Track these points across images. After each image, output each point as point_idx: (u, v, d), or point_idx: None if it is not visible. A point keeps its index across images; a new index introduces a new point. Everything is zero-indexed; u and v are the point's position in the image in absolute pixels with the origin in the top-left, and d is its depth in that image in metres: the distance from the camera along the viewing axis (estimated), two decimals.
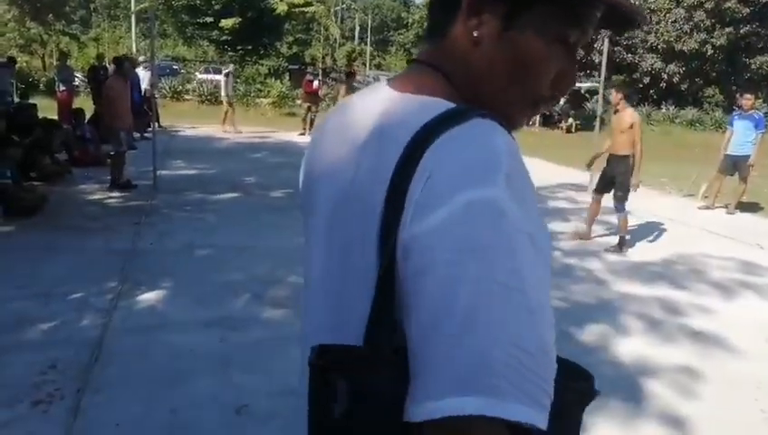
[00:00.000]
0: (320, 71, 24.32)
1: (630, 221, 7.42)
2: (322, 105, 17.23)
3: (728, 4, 23.05)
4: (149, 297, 4.24)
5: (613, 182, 6.00)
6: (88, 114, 10.78)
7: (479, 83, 0.70)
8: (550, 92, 0.72)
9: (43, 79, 20.50)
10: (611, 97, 6.13)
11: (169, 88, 20.35)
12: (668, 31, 23.90)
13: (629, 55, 24.77)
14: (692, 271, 5.54)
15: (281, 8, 20.54)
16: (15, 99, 12.51)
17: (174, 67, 26.20)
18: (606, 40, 10.72)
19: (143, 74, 12.40)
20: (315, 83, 15.40)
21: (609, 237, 6.43)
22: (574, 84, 0.74)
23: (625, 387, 3.28)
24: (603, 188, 6.16)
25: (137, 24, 31.18)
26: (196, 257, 5.24)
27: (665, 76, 24.48)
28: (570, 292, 4.72)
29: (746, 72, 24.70)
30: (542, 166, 10.51)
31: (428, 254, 0.56)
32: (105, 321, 3.80)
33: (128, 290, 4.33)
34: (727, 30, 23.47)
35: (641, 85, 25.54)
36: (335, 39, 33.04)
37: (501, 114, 0.68)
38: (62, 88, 12.55)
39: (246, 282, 4.63)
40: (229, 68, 15.28)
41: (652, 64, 24.60)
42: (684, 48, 23.73)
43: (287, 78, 23.50)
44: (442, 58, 0.71)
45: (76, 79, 15.56)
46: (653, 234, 6.82)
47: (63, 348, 3.40)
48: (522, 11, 0.67)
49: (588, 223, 6.41)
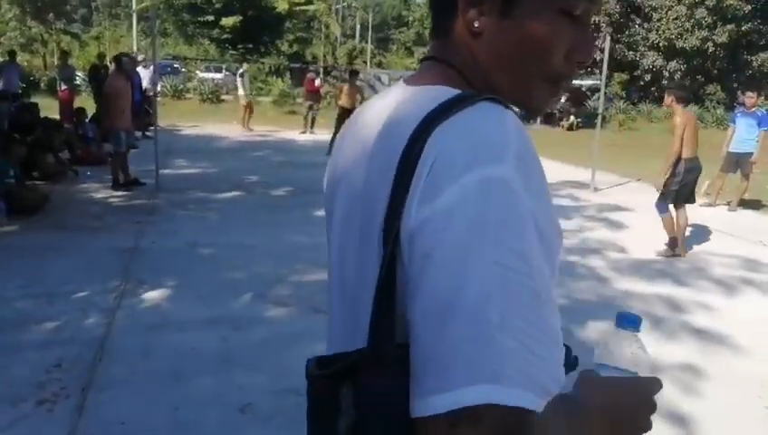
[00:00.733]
0: (321, 69, 24.32)
1: (632, 218, 7.39)
2: (324, 103, 17.25)
3: (729, 1, 22.99)
4: (152, 296, 4.25)
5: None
6: (89, 113, 10.80)
7: (490, 73, 0.69)
8: (567, 68, 0.69)
9: (45, 78, 20.51)
10: (665, 101, 6.00)
11: (171, 87, 20.36)
12: (670, 28, 23.86)
13: (631, 53, 24.74)
14: (694, 268, 5.54)
15: (281, 6, 20.57)
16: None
17: (175, 66, 26.23)
18: (607, 37, 10.70)
19: (144, 73, 12.39)
20: (317, 82, 15.40)
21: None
22: (591, 57, 0.72)
23: None
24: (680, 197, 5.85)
25: (138, 23, 31.16)
26: (198, 256, 5.25)
27: (666, 74, 24.43)
28: (572, 289, 4.72)
29: (748, 70, 24.67)
30: (544, 164, 10.08)
31: (435, 235, 0.54)
32: (109, 320, 3.81)
33: (131, 289, 4.34)
34: (729, 27, 23.42)
35: (642, 83, 25.52)
36: (336, 37, 33.02)
37: (520, 100, 0.68)
38: (64, 87, 12.58)
39: (249, 280, 4.63)
40: (243, 67, 15.35)
41: (653, 62, 24.56)
42: (685, 45, 23.69)
43: (288, 76, 23.52)
44: (451, 53, 0.70)
45: (77, 78, 15.55)
46: (655, 231, 6.81)
47: (68, 347, 3.40)
48: None
49: (680, 238, 5.90)
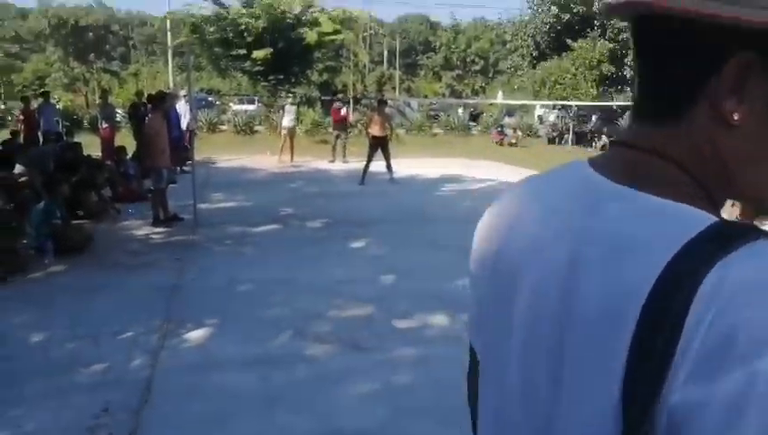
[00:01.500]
0: (350, 98, 24.66)
1: None
2: (354, 132, 17.53)
3: None
4: (194, 335, 4.33)
5: None
6: (129, 150, 11.14)
7: (738, 171, 0.56)
8: None
9: (87, 116, 21.28)
10: None
11: (206, 120, 20.90)
12: None
13: None
14: None
15: (311, 38, 20.95)
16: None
17: (209, 99, 26.96)
18: None
19: (184, 108, 12.26)
20: (343, 111, 15.67)
21: None
22: None
23: None
24: None
25: (173, 58, 32.28)
26: (237, 292, 5.33)
27: None
28: None
29: None
30: None
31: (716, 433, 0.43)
32: (153, 361, 3.89)
33: (173, 328, 4.42)
34: None
35: None
36: (364, 65, 33.51)
37: (761, 202, 0.60)
38: (105, 125, 13.00)
39: (288, 317, 4.68)
40: (288, 101, 15.98)
41: None
42: None
43: (319, 106, 23.94)
44: (673, 145, 0.57)
45: (117, 115, 16.10)
46: None
47: (114, 390, 3.48)
48: None
49: None
